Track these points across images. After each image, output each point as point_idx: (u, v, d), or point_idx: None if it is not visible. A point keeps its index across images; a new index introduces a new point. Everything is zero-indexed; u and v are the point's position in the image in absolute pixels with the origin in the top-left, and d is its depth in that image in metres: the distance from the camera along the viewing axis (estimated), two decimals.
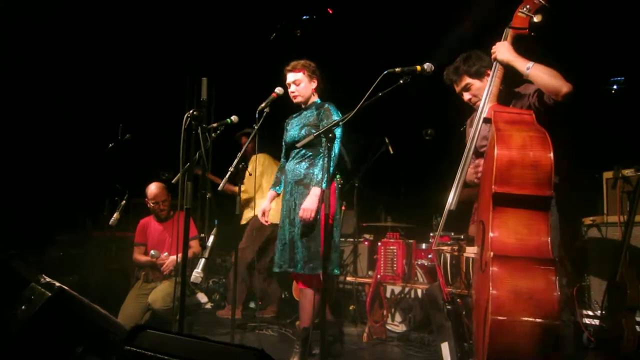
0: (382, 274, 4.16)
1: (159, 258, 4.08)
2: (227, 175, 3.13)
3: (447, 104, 3.09)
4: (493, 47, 2.45)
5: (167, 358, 1.37)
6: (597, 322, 3.32)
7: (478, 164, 2.47)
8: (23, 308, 1.82)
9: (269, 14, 6.12)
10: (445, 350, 2.88)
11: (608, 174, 3.76)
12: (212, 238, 2.86)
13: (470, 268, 3.66)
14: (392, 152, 4.78)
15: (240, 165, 3.21)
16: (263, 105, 3.19)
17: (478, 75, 2.59)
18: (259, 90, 3.40)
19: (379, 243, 4.28)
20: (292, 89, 3.32)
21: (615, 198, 3.64)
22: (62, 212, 5.61)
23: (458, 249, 2.88)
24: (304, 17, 6.21)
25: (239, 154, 3.23)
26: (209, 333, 4.16)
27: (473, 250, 2.58)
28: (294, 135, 3.30)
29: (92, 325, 1.87)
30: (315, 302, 3.13)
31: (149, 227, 4.33)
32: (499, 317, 1.95)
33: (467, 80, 2.60)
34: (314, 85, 3.35)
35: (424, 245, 4.33)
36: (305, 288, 3.23)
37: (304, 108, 3.38)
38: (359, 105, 2.44)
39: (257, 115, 3.19)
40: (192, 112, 2.57)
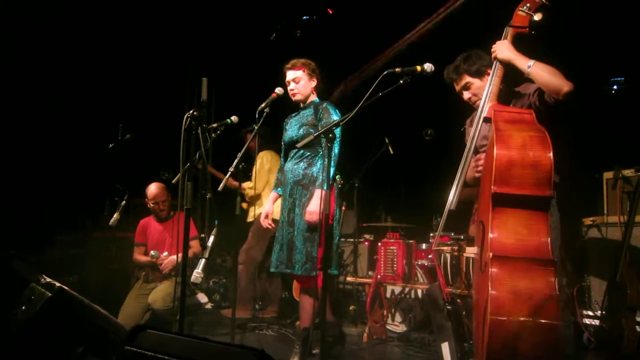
0: (382, 274, 4.16)
1: (159, 258, 4.09)
2: (227, 176, 3.13)
3: (447, 104, 3.09)
4: (493, 46, 2.44)
5: (167, 358, 1.37)
6: (597, 322, 3.32)
7: (479, 158, 2.46)
8: (23, 308, 1.82)
9: (269, 14, 6.13)
10: (446, 351, 2.88)
11: (608, 174, 3.76)
12: (212, 238, 2.86)
13: (471, 268, 3.66)
14: (392, 152, 4.78)
15: (241, 166, 3.21)
16: (263, 106, 3.19)
17: (478, 74, 2.58)
18: (259, 91, 3.40)
19: (379, 243, 4.28)
20: (291, 87, 3.31)
21: (616, 198, 3.64)
22: (62, 212, 5.61)
23: (458, 249, 2.89)
24: (304, 17, 6.21)
25: (239, 154, 3.23)
26: (209, 333, 4.16)
27: (473, 251, 2.58)
28: (292, 135, 3.29)
29: (92, 326, 1.87)
30: (315, 302, 3.13)
31: (149, 227, 4.34)
32: (498, 317, 1.95)
33: (467, 79, 2.60)
34: (314, 84, 3.34)
35: (424, 246, 4.33)
36: (305, 288, 3.23)
37: (303, 107, 3.37)
38: (359, 106, 2.44)
39: (257, 116, 3.19)
40: (192, 112, 2.57)
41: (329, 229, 3.10)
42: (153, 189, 4.25)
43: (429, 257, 4.23)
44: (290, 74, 3.31)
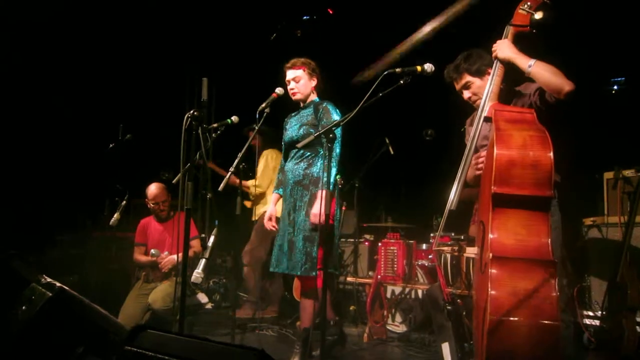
0: (382, 275, 4.16)
1: (159, 257, 4.09)
2: (227, 176, 3.13)
3: (447, 105, 3.09)
4: (494, 45, 2.43)
5: (167, 358, 1.37)
6: (597, 322, 3.32)
7: (479, 156, 2.44)
8: (23, 308, 1.82)
9: (270, 15, 6.13)
10: (446, 351, 2.88)
11: (608, 175, 3.76)
12: (212, 238, 2.86)
13: (471, 268, 3.66)
14: (392, 152, 4.78)
15: (241, 166, 3.21)
16: (263, 106, 3.19)
17: (478, 74, 2.56)
18: (260, 91, 3.40)
19: (380, 243, 4.28)
20: (291, 86, 3.31)
21: (616, 198, 3.64)
22: (62, 212, 5.61)
23: (458, 250, 2.89)
24: (305, 17, 6.21)
25: (240, 154, 3.23)
26: (209, 333, 4.16)
27: (473, 251, 2.58)
28: (293, 135, 3.29)
29: (92, 326, 1.87)
30: (316, 302, 3.13)
31: (149, 227, 4.34)
32: (497, 318, 1.94)
33: (467, 79, 2.58)
34: (314, 84, 3.34)
35: (425, 246, 4.33)
36: (305, 288, 3.23)
37: (303, 107, 3.37)
38: (360, 106, 2.44)
39: (257, 116, 3.19)
40: (192, 112, 2.57)
41: (330, 229, 3.10)
42: (153, 189, 4.25)
43: (429, 257, 4.23)
44: (290, 73, 3.30)
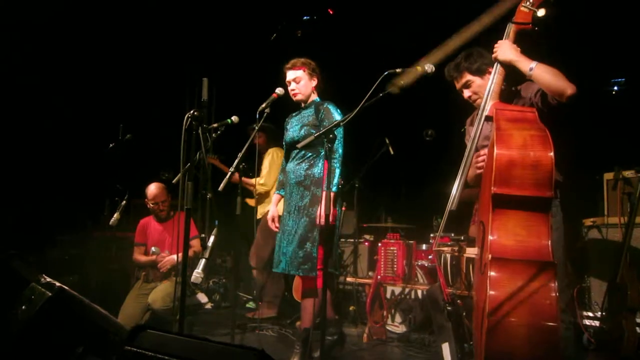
0: (382, 275, 4.16)
1: (159, 255, 4.08)
2: (227, 176, 3.13)
3: (447, 105, 3.09)
4: (495, 45, 2.41)
5: (167, 358, 1.37)
6: (597, 323, 3.32)
7: (479, 154, 2.42)
8: (23, 308, 1.82)
9: (270, 15, 6.13)
10: (446, 351, 2.88)
11: (609, 175, 3.76)
12: (212, 238, 2.86)
13: (471, 269, 3.66)
14: (392, 152, 4.78)
15: (242, 166, 3.21)
16: (264, 106, 3.19)
17: (479, 73, 2.54)
18: (260, 91, 3.40)
19: (379, 244, 4.28)
20: (292, 87, 3.31)
21: (616, 199, 3.64)
22: (62, 212, 5.61)
23: (458, 250, 2.88)
24: (305, 17, 6.21)
25: (240, 154, 3.23)
26: (209, 333, 4.16)
27: (473, 251, 2.57)
28: (294, 136, 3.29)
29: (92, 326, 1.87)
30: (316, 302, 3.13)
31: (149, 227, 4.33)
32: (496, 319, 1.93)
33: (467, 78, 2.56)
34: (314, 83, 3.34)
35: (424, 246, 4.33)
36: (306, 288, 3.23)
37: (304, 107, 3.37)
38: (360, 106, 2.44)
39: (257, 116, 3.20)
40: (192, 112, 2.57)
41: (331, 230, 3.11)
42: (153, 189, 4.25)
43: (429, 257, 4.23)
44: (291, 74, 3.30)
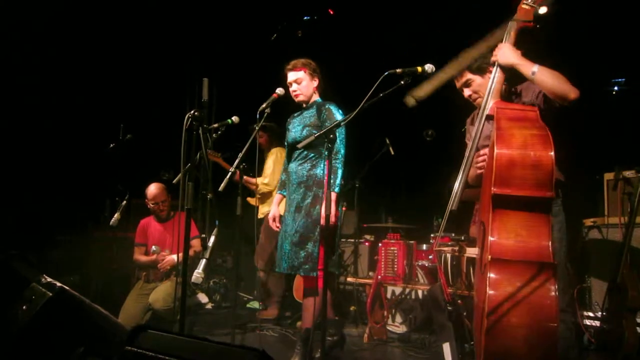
0: (382, 275, 4.16)
1: (160, 254, 4.08)
2: (227, 176, 3.13)
3: (447, 105, 3.08)
4: (495, 49, 2.38)
5: (167, 358, 1.37)
6: (597, 323, 3.32)
7: (479, 154, 2.41)
8: (24, 308, 1.82)
9: (270, 15, 6.13)
10: (447, 351, 2.88)
11: (609, 175, 3.76)
12: (212, 239, 2.87)
13: (471, 269, 3.66)
14: (392, 153, 4.78)
15: (242, 166, 3.22)
16: (264, 106, 3.19)
17: (480, 72, 2.52)
18: (260, 91, 3.40)
19: (380, 244, 4.28)
20: (293, 88, 3.31)
21: (616, 199, 3.64)
22: (63, 212, 5.61)
23: (459, 250, 2.88)
24: (305, 17, 6.21)
25: (240, 154, 3.23)
26: (210, 333, 4.16)
27: (474, 252, 2.56)
28: (296, 137, 3.29)
29: (93, 326, 1.87)
30: (316, 302, 3.13)
31: (149, 227, 4.34)
32: (495, 320, 1.92)
33: (468, 76, 2.55)
34: (315, 84, 3.35)
35: (425, 246, 4.33)
36: (307, 288, 3.23)
37: (305, 107, 3.37)
38: (360, 106, 2.43)
39: (257, 116, 3.20)
40: (193, 112, 2.57)
41: (332, 230, 3.11)
42: (152, 190, 4.26)
43: (430, 257, 4.23)
44: (292, 75, 3.31)
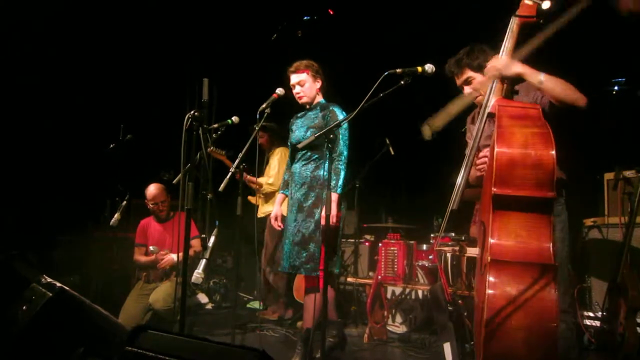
0: (382, 275, 4.16)
1: (159, 253, 4.08)
2: (227, 177, 3.14)
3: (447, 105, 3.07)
4: (487, 66, 2.31)
5: (167, 359, 1.38)
6: (597, 323, 3.32)
7: (480, 156, 2.38)
8: (24, 308, 1.82)
9: (271, 15, 6.13)
10: (448, 350, 2.88)
11: (609, 175, 3.76)
12: (213, 239, 2.87)
13: (472, 269, 3.66)
14: (393, 153, 4.78)
15: (242, 166, 3.22)
16: (264, 106, 3.19)
17: (480, 69, 2.48)
18: (260, 91, 3.40)
19: (380, 244, 4.28)
20: (296, 90, 3.32)
21: (616, 199, 3.64)
22: (63, 212, 5.61)
23: (460, 250, 2.87)
24: (305, 18, 6.21)
25: (240, 155, 3.24)
26: (210, 334, 4.16)
27: (475, 251, 2.55)
28: (300, 138, 3.30)
29: (93, 326, 1.87)
30: (317, 302, 3.13)
31: (149, 227, 4.34)
32: (494, 321, 1.91)
33: (468, 74, 2.52)
34: (318, 85, 3.35)
35: (425, 246, 4.33)
36: (309, 289, 3.24)
37: (309, 108, 3.38)
38: (360, 106, 2.44)
39: (258, 116, 3.20)
40: (193, 112, 2.58)
41: (334, 231, 3.12)
42: (152, 190, 4.25)
43: (430, 257, 4.23)
44: (295, 77, 3.31)
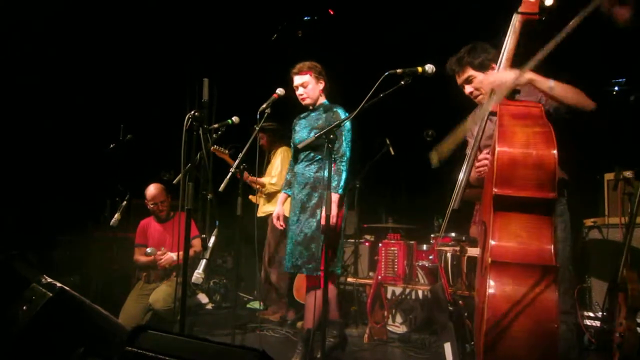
0: (382, 275, 4.16)
1: (156, 255, 4.08)
2: (227, 177, 3.14)
3: (448, 105, 3.08)
4: (490, 81, 2.26)
5: (168, 359, 1.37)
6: (598, 323, 3.32)
7: (480, 159, 2.37)
8: (24, 309, 1.82)
9: (271, 15, 6.13)
10: (448, 350, 2.88)
11: (609, 176, 3.76)
12: (213, 239, 2.87)
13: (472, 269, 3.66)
14: (393, 153, 4.78)
15: (242, 166, 3.22)
16: (264, 106, 3.19)
17: (482, 68, 2.46)
18: (260, 91, 3.41)
19: (380, 244, 4.28)
20: (300, 92, 3.33)
21: (616, 199, 3.64)
22: (63, 212, 5.61)
23: (460, 250, 2.88)
24: (305, 18, 6.21)
25: (240, 155, 3.24)
26: (210, 334, 4.16)
27: (475, 251, 2.55)
28: (303, 138, 3.31)
29: (93, 326, 1.87)
30: (318, 302, 3.13)
31: (149, 228, 4.33)
32: (495, 322, 1.90)
33: (469, 72, 2.49)
34: (321, 86, 3.36)
35: (425, 247, 4.33)
36: (310, 288, 3.24)
37: (312, 109, 3.39)
38: (360, 106, 2.44)
39: (258, 117, 3.20)
40: (193, 113, 2.58)
41: (337, 231, 3.13)
42: (152, 190, 4.25)
43: (430, 258, 4.23)
44: (298, 79, 3.32)
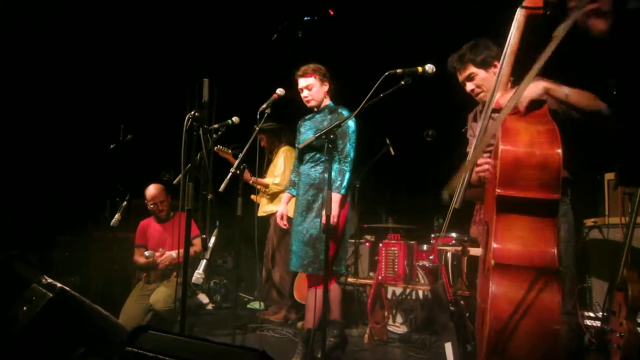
0: (383, 275, 4.16)
1: (155, 256, 4.07)
2: (227, 177, 3.14)
3: (448, 105, 3.07)
4: (521, 106, 2.10)
5: (168, 359, 1.37)
6: (598, 323, 3.32)
7: (480, 162, 2.32)
8: (24, 309, 1.82)
9: (271, 15, 6.13)
10: (449, 350, 2.88)
11: (609, 175, 3.75)
12: (213, 239, 2.87)
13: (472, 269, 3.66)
14: (393, 153, 4.78)
15: (242, 166, 3.22)
16: (264, 107, 3.20)
17: (484, 65, 2.42)
18: (261, 91, 3.41)
19: (380, 244, 4.28)
20: (304, 94, 3.34)
21: (617, 199, 3.63)
22: (63, 212, 5.61)
23: (462, 250, 2.87)
24: (305, 18, 6.21)
25: (241, 155, 3.24)
26: (210, 334, 4.16)
27: (477, 251, 2.53)
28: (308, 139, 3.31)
29: (93, 327, 1.87)
30: (318, 302, 3.13)
31: (149, 228, 4.33)
32: (497, 324, 1.89)
33: (471, 70, 2.44)
34: (326, 88, 3.37)
35: (425, 247, 4.33)
36: (311, 288, 3.24)
37: (317, 111, 3.40)
38: (361, 106, 2.44)
39: (258, 117, 3.20)
40: (193, 113, 2.58)
41: (341, 231, 3.13)
42: (151, 190, 4.25)
43: (430, 258, 4.23)
44: (302, 82, 3.33)
